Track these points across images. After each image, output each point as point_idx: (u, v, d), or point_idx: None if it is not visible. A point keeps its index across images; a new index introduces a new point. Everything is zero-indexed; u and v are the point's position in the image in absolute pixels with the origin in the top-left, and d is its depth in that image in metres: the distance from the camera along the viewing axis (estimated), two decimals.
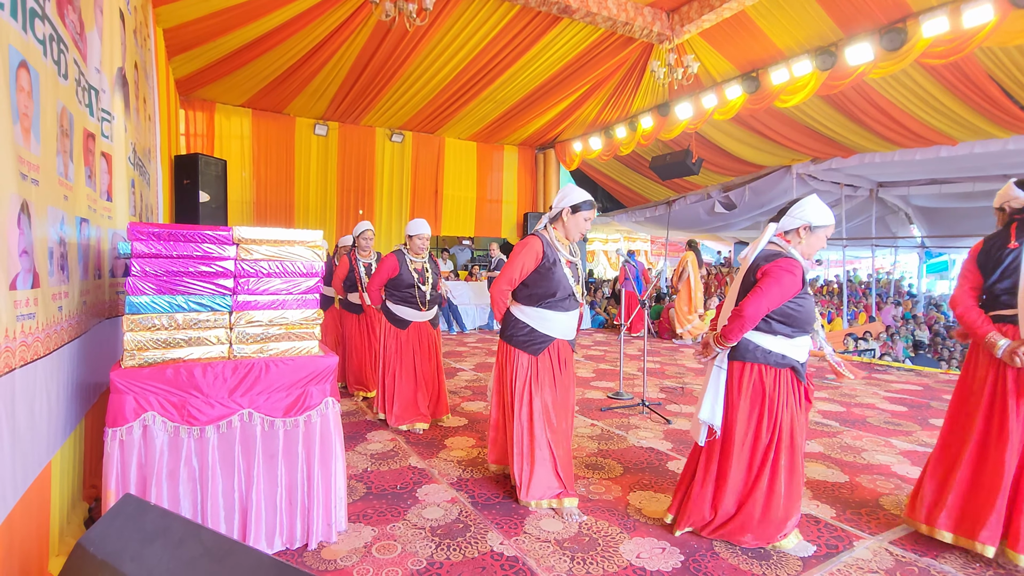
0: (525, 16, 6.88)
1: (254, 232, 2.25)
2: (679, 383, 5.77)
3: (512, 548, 2.37)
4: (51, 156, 1.93)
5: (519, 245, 2.69)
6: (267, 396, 2.21)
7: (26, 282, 1.67)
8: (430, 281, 3.98)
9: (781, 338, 2.30)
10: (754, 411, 2.33)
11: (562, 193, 2.73)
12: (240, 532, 2.17)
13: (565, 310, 2.71)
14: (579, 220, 2.68)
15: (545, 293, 2.66)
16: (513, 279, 2.67)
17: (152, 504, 1.26)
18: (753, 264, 2.31)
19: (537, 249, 2.65)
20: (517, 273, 2.66)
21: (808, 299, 2.32)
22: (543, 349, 2.70)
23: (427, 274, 3.98)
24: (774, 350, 2.30)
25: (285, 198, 9.76)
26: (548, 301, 2.66)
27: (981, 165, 8.40)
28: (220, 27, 6.32)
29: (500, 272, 2.69)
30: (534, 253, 2.64)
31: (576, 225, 2.69)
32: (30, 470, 1.71)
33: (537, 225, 2.78)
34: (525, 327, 2.70)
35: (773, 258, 2.28)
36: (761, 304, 2.22)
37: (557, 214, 2.71)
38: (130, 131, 3.54)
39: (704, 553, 2.35)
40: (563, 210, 2.68)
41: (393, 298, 3.98)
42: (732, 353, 2.36)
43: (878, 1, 5.82)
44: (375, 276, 4.01)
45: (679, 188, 11.87)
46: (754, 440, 2.33)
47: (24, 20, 1.68)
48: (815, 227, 2.32)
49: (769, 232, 2.35)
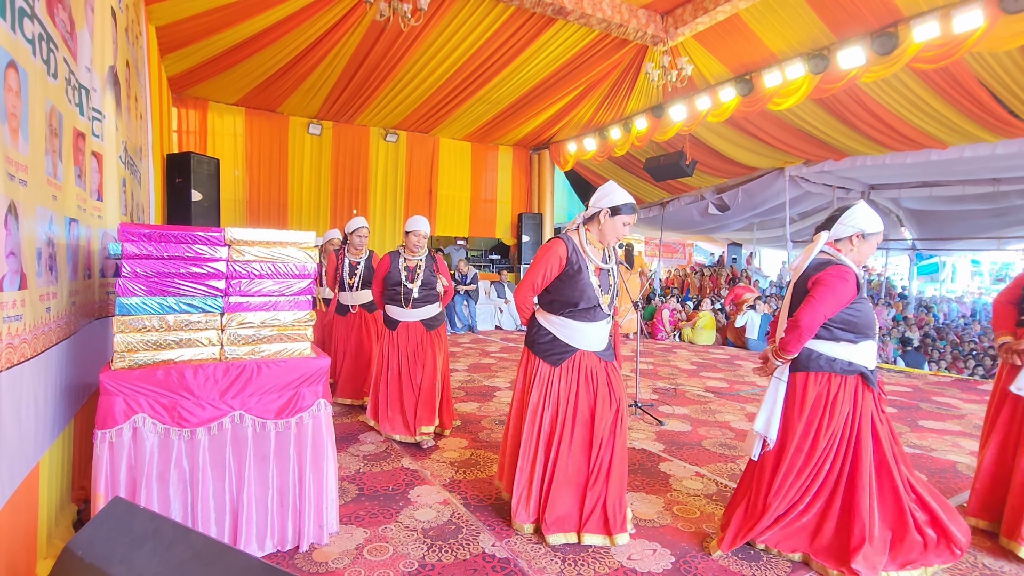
0: (520, 17, 6.89)
1: (246, 233, 2.24)
2: (672, 384, 5.79)
3: (504, 550, 2.37)
4: (40, 156, 1.91)
5: (543, 248, 2.51)
6: (259, 398, 2.21)
7: (13, 283, 1.65)
8: (420, 279, 3.81)
9: (845, 344, 2.25)
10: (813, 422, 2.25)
11: (602, 191, 2.49)
12: (231, 534, 2.16)
13: (591, 320, 2.48)
14: (617, 224, 2.44)
15: (567, 301, 2.47)
16: (536, 284, 2.50)
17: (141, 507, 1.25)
18: (805, 274, 2.27)
19: (561, 254, 2.44)
20: (540, 278, 2.48)
21: (865, 303, 2.27)
22: (564, 360, 2.50)
23: (418, 271, 3.82)
24: (840, 357, 2.24)
25: (278, 197, 9.72)
26: (570, 310, 2.48)
27: (971, 169, 8.49)
28: (213, 25, 6.28)
29: (524, 277, 2.53)
30: (557, 258, 2.44)
31: (613, 229, 2.45)
32: (17, 473, 1.69)
33: (569, 225, 2.57)
34: (547, 334, 2.52)
35: (824, 266, 2.23)
36: (817, 313, 2.16)
37: (594, 215, 2.48)
38: (121, 130, 3.52)
39: (695, 555, 2.36)
40: (601, 211, 2.44)
41: (385, 297, 3.93)
42: (794, 364, 2.29)
43: (870, 6, 5.87)
44: (375, 277, 3.99)
45: (673, 189, 11.92)
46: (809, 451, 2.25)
47: (13, 19, 1.67)
48: (868, 234, 2.29)
49: (821, 241, 2.30)
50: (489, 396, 5.13)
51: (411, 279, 3.82)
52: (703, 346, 8.97)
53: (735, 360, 7.55)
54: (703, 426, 4.26)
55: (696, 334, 9.20)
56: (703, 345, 9.04)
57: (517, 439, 2.59)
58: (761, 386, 5.81)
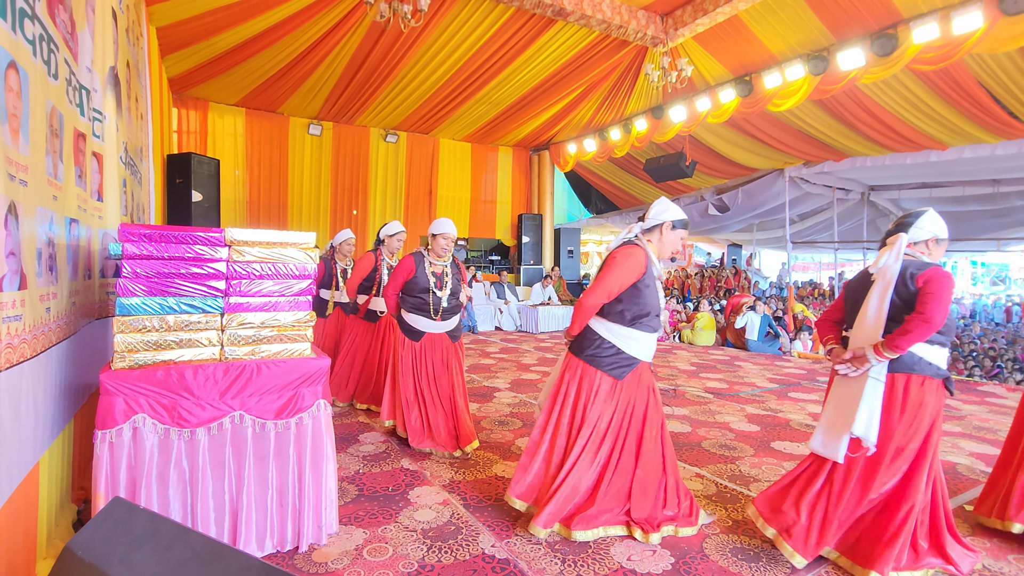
0: (520, 18, 6.90)
1: (246, 234, 2.24)
2: (672, 385, 5.80)
3: (504, 550, 2.37)
4: (40, 156, 1.91)
5: (622, 254, 2.40)
6: (258, 398, 2.21)
7: (13, 284, 1.66)
8: (449, 287, 3.49)
9: (937, 347, 2.22)
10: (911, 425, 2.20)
11: (662, 206, 2.52)
12: (230, 535, 2.16)
13: (654, 330, 2.50)
14: (676, 238, 2.50)
15: (640, 311, 2.43)
16: (612, 292, 2.39)
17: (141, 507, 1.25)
18: (904, 273, 2.22)
19: (642, 262, 2.40)
20: (617, 286, 2.38)
21: None
22: (627, 373, 2.48)
23: (446, 279, 3.51)
24: (933, 361, 2.21)
25: (278, 198, 9.73)
26: (640, 320, 2.43)
27: (971, 170, 8.50)
28: (213, 26, 6.29)
29: (597, 283, 2.40)
30: (638, 266, 2.39)
31: (673, 243, 2.51)
32: (16, 473, 1.69)
33: (628, 234, 2.51)
34: (611, 347, 2.45)
35: (926, 266, 2.19)
36: (940, 310, 2.09)
37: (654, 227, 2.49)
38: (122, 130, 3.52)
39: (694, 555, 2.36)
40: (664, 224, 2.48)
41: (406, 304, 3.54)
42: (893, 365, 2.23)
43: (869, 7, 5.88)
44: (391, 280, 3.54)
45: (673, 190, 11.92)
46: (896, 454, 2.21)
47: (13, 20, 1.67)
48: (940, 239, 2.31)
49: (903, 243, 2.26)
50: (489, 397, 5.13)
51: (440, 286, 3.47)
52: (703, 347, 8.97)
53: (735, 361, 7.55)
54: (703, 427, 4.26)
55: (696, 335, 9.20)
56: (703, 346, 9.04)
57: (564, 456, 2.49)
58: (761, 388, 5.81)
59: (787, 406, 4.97)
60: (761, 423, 4.39)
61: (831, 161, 9.19)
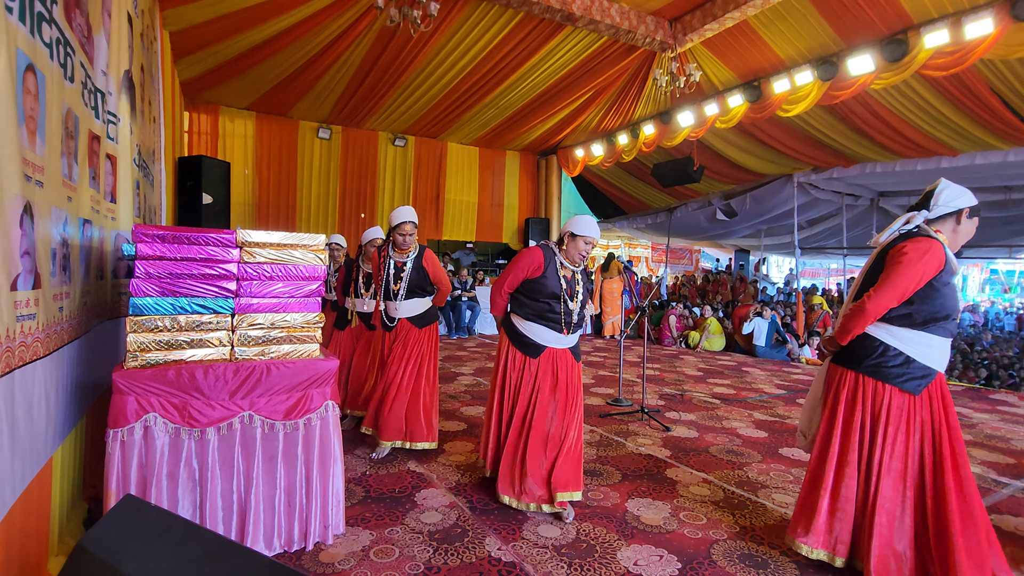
0: (528, 23, 6.93)
1: (257, 235, 2.26)
2: (678, 390, 5.77)
3: (510, 554, 2.37)
4: (56, 158, 1.94)
5: (915, 250, 2.12)
6: (268, 398, 2.22)
7: (27, 283, 1.68)
8: (579, 299, 2.84)
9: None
10: None
11: (955, 190, 2.22)
12: (238, 534, 2.17)
13: (950, 335, 2.26)
14: (971, 228, 2.24)
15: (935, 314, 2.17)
16: (906, 293, 2.13)
17: (152, 505, 1.26)
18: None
19: (940, 257, 2.18)
20: (913, 286, 2.13)
21: None
22: (925, 385, 2.16)
23: (577, 288, 2.84)
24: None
25: (287, 201, 9.80)
26: (937, 324, 2.16)
27: (982, 176, 8.43)
28: (226, 30, 6.36)
29: (880, 286, 2.14)
30: (937, 262, 2.15)
31: (967, 234, 2.24)
32: (29, 470, 1.71)
33: (906, 224, 2.26)
34: (900, 355, 2.18)
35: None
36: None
37: (951, 214, 2.21)
38: (135, 133, 3.56)
39: (701, 560, 2.35)
40: (962, 211, 2.20)
41: (524, 311, 2.85)
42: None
43: (879, 12, 5.86)
44: (507, 274, 2.85)
45: (680, 195, 11.90)
46: None
47: (32, 23, 1.70)
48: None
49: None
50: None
51: (571, 295, 2.81)
52: (711, 352, 8.93)
53: (742, 367, 7.51)
54: (710, 432, 4.24)
55: (711, 342, 9.17)
56: (711, 352, 9.01)
57: None
58: (769, 393, 5.78)
59: (795, 412, 4.94)
60: (769, 429, 4.36)
61: (840, 167, 9.14)
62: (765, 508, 2.90)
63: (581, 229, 2.76)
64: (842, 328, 2.19)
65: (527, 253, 2.82)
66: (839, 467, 2.18)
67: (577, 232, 2.76)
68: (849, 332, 2.17)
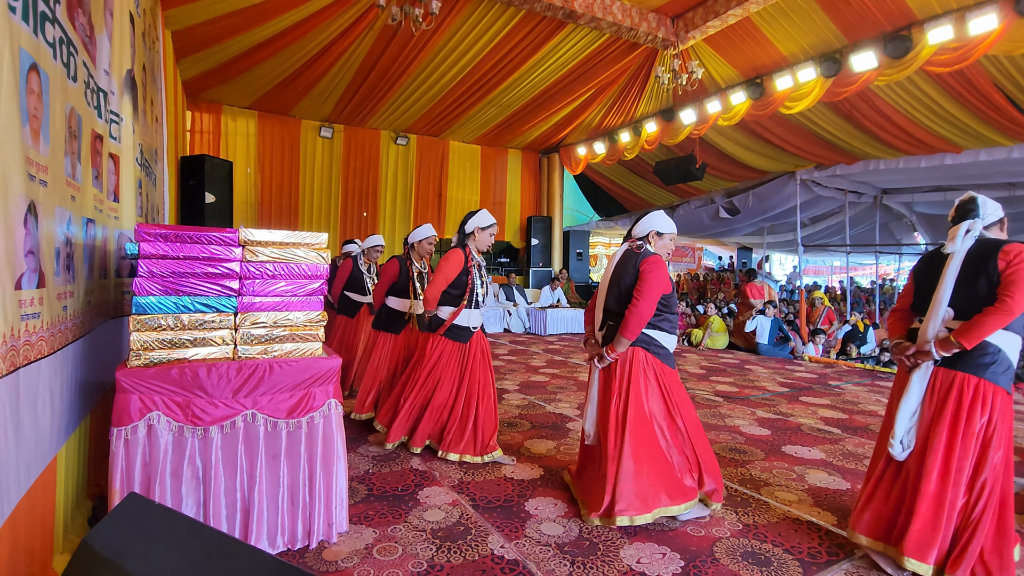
0: (530, 21, 6.92)
1: (260, 234, 2.26)
2: None
3: (513, 551, 2.37)
4: (59, 157, 1.95)
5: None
6: (271, 397, 2.23)
7: (31, 282, 1.68)
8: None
9: None
10: None
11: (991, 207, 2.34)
12: (242, 532, 2.18)
13: None
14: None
15: None
16: None
17: (156, 503, 1.27)
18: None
19: None
20: None
21: None
22: None
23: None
24: None
25: (289, 199, 9.81)
26: None
27: (986, 173, 8.41)
28: (228, 30, 6.37)
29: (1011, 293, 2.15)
30: None
31: None
32: (34, 468, 1.72)
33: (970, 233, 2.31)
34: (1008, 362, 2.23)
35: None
36: None
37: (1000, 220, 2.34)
38: (138, 132, 3.57)
39: (704, 558, 2.35)
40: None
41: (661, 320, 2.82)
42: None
43: (883, 9, 5.84)
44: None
45: (683, 193, 11.88)
46: None
47: (35, 23, 1.70)
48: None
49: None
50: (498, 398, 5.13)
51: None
52: (713, 350, 8.92)
53: (745, 365, 7.50)
54: (713, 430, 4.23)
55: (713, 340, 9.16)
56: (714, 349, 9.00)
57: None
58: (771, 391, 5.77)
59: (798, 410, 4.93)
60: (772, 427, 4.35)
61: (843, 164, 9.12)
62: (768, 506, 2.90)
63: (668, 228, 3.08)
64: (976, 331, 2.10)
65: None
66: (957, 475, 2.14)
67: (663, 231, 3.06)
68: (982, 336, 2.11)
